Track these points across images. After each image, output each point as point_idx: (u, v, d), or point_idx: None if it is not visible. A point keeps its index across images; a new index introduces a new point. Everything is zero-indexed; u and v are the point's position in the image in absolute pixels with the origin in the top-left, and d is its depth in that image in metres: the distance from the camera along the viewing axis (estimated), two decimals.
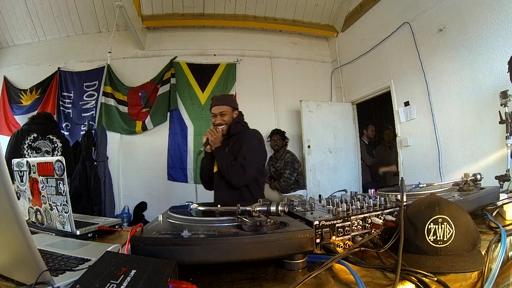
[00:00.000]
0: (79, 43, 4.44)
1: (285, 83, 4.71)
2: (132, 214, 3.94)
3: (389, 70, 3.69)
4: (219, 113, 1.82)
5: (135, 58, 4.47)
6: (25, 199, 1.04)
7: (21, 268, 0.53)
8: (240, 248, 0.56)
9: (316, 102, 4.33)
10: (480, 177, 1.09)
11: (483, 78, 2.57)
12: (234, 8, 4.45)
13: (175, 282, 0.47)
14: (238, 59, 4.56)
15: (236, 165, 1.67)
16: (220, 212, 0.77)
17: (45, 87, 4.27)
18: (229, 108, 1.84)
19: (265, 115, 4.58)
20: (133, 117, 4.31)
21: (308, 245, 0.60)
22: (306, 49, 4.94)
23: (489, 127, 2.47)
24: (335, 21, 4.72)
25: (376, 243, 0.69)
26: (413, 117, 3.34)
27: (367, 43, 4.05)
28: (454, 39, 2.82)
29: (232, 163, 1.69)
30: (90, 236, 0.99)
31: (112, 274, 0.45)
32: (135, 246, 0.56)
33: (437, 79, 3.03)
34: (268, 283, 0.56)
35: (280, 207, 0.63)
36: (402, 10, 3.44)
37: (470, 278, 0.59)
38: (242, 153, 1.71)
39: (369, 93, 4.15)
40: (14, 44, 4.45)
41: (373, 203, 0.82)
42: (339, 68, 4.73)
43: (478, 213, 0.97)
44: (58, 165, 0.92)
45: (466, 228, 0.62)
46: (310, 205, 0.88)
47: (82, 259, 0.67)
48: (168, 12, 4.36)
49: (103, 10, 4.14)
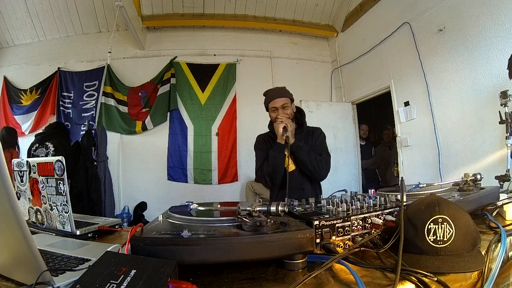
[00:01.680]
0: (79, 43, 4.44)
1: (285, 83, 4.63)
2: (132, 214, 3.95)
3: (389, 70, 3.69)
4: (281, 106, 1.65)
5: (135, 58, 4.47)
6: (25, 199, 1.04)
7: (21, 268, 0.53)
8: (240, 248, 0.56)
9: (316, 102, 4.33)
10: (480, 177, 1.09)
11: (483, 78, 2.57)
12: (234, 8, 4.45)
13: (175, 282, 0.47)
14: (238, 59, 4.56)
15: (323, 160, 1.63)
16: (220, 212, 0.77)
17: (45, 87, 4.28)
18: (289, 100, 1.70)
19: (265, 115, 4.55)
20: (133, 117, 4.31)
21: (308, 245, 0.60)
22: (306, 49, 4.94)
23: (489, 127, 2.47)
24: (335, 21, 4.72)
25: (376, 243, 0.69)
26: (413, 117, 3.34)
27: (367, 43, 4.05)
28: (454, 39, 2.82)
29: (320, 158, 1.63)
30: (90, 236, 0.99)
31: (112, 274, 0.45)
32: (135, 246, 0.56)
33: (437, 79, 3.03)
34: (268, 283, 0.56)
35: (280, 207, 0.63)
36: (402, 10, 3.44)
37: (470, 278, 0.59)
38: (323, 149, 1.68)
39: (369, 93, 4.15)
40: (14, 44, 4.46)
41: (373, 203, 0.82)
42: (339, 68, 4.73)
43: (478, 213, 0.97)
44: (58, 165, 0.92)
45: (466, 228, 0.62)
46: (310, 205, 0.88)
47: (82, 259, 0.68)
48: (168, 12, 4.37)
49: (103, 10, 4.14)
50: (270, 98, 1.69)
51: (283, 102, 1.65)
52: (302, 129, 1.74)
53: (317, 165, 1.61)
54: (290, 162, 1.65)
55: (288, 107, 1.66)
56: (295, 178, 1.65)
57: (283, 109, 1.64)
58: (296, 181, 1.65)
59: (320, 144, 1.72)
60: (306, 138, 1.71)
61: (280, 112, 1.64)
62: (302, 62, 4.89)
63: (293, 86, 5.12)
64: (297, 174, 1.66)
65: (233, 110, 4.49)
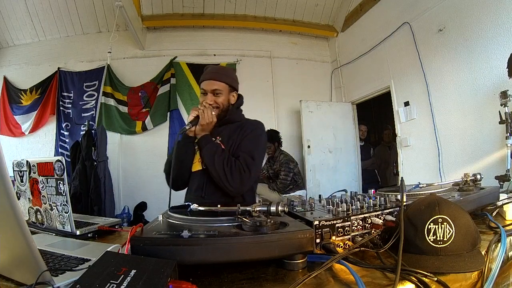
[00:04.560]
0: (79, 43, 4.44)
1: (285, 83, 4.71)
2: (132, 214, 3.94)
3: (389, 70, 3.69)
4: (212, 90, 1.32)
5: (135, 58, 4.47)
6: (25, 199, 1.04)
7: (21, 268, 0.53)
8: (240, 248, 0.56)
9: (316, 102, 4.34)
10: (480, 177, 1.09)
11: (483, 78, 2.57)
12: (234, 8, 4.45)
13: (175, 282, 0.47)
14: (238, 59, 4.56)
15: (239, 166, 1.23)
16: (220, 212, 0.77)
17: (45, 87, 4.27)
18: (226, 86, 1.35)
19: (265, 115, 4.57)
20: (133, 117, 4.31)
21: (308, 245, 0.60)
22: (306, 49, 4.95)
23: (489, 127, 2.47)
24: (335, 21, 4.72)
25: (376, 243, 0.69)
26: (413, 117, 3.34)
27: (367, 43, 4.05)
28: (454, 39, 2.82)
29: (232, 162, 1.24)
30: (90, 236, 0.99)
31: (112, 274, 0.45)
32: (135, 246, 0.56)
33: (437, 79, 3.03)
34: (268, 283, 0.56)
35: (280, 207, 0.63)
36: (402, 10, 3.44)
37: (470, 278, 0.59)
38: (247, 149, 1.29)
39: (369, 93, 4.15)
40: (14, 44, 4.45)
41: (373, 203, 0.82)
42: (339, 68, 4.73)
43: (478, 213, 0.97)
44: (58, 165, 0.92)
45: (466, 228, 0.62)
46: (310, 205, 0.88)
47: (82, 259, 0.67)
48: (168, 12, 4.37)
49: (103, 10, 4.14)
50: (203, 77, 1.35)
51: (216, 86, 1.32)
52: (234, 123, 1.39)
53: (223, 171, 1.21)
54: (196, 160, 1.35)
55: (221, 94, 1.33)
56: (197, 181, 1.33)
57: (213, 95, 1.32)
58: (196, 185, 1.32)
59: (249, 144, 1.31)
60: (231, 133, 1.34)
61: (207, 98, 1.31)
62: (302, 62, 4.89)
63: (293, 86, 5.12)
64: (199, 177, 1.32)
65: None
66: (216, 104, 1.32)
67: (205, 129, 1.29)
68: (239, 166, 1.24)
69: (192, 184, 1.36)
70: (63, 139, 4.25)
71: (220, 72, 1.37)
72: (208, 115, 1.26)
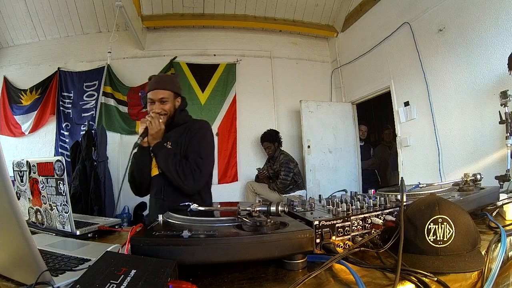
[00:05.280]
0: (79, 43, 4.44)
1: (285, 83, 4.71)
2: (132, 214, 3.94)
3: (389, 70, 3.69)
4: (159, 99, 1.43)
5: (135, 58, 4.47)
6: (25, 199, 1.04)
7: (21, 268, 0.53)
8: (240, 248, 0.56)
9: (316, 102, 4.34)
10: (480, 177, 1.09)
11: (483, 78, 2.57)
12: (234, 8, 4.45)
13: (175, 282, 0.47)
14: (238, 59, 4.56)
15: (190, 166, 1.36)
16: (220, 212, 0.77)
17: (45, 87, 4.27)
18: (171, 94, 1.46)
19: (265, 115, 4.58)
20: (133, 117, 4.30)
21: (308, 245, 0.60)
22: (306, 49, 4.95)
23: (489, 127, 2.47)
24: (335, 21, 4.72)
25: (376, 243, 0.69)
26: (413, 117, 3.34)
27: (367, 43, 4.05)
28: (454, 39, 2.82)
29: (183, 164, 1.36)
30: (90, 236, 0.99)
31: (112, 274, 0.45)
32: (135, 246, 0.56)
33: (437, 79, 3.03)
34: (268, 283, 0.56)
35: (280, 207, 0.63)
36: (402, 10, 3.44)
37: (470, 278, 0.59)
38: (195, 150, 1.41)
39: (369, 93, 4.15)
40: (14, 44, 4.45)
41: (373, 203, 0.82)
42: (339, 68, 4.73)
43: (478, 213, 0.97)
44: (58, 165, 0.92)
45: (466, 228, 0.62)
46: (310, 205, 0.88)
47: (82, 259, 0.68)
48: (168, 12, 4.36)
49: (103, 10, 4.14)
50: (149, 87, 1.47)
51: (161, 95, 1.43)
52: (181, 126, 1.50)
53: (177, 173, 1.34)
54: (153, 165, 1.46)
55: (167, 101, 1.44)
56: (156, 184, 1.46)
57: (161, 103, 1.43)
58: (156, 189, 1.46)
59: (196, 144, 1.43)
60: (179, 136, 1.46)
61: (155, 107, 1.43)
62: (302, 62, 4.89)
63: (293, 86, 5.12)
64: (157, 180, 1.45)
65: (233, 110, 4.49)
66: (164, 112, 1.44)
67: (155, 137, 1.40)
68: (190, 166, 1.36)
69: (152, 188, 1.50)
70: (63, 139, 4.24)
71: (164, 81, 1.50)
72: (156, 124, 1.37)
